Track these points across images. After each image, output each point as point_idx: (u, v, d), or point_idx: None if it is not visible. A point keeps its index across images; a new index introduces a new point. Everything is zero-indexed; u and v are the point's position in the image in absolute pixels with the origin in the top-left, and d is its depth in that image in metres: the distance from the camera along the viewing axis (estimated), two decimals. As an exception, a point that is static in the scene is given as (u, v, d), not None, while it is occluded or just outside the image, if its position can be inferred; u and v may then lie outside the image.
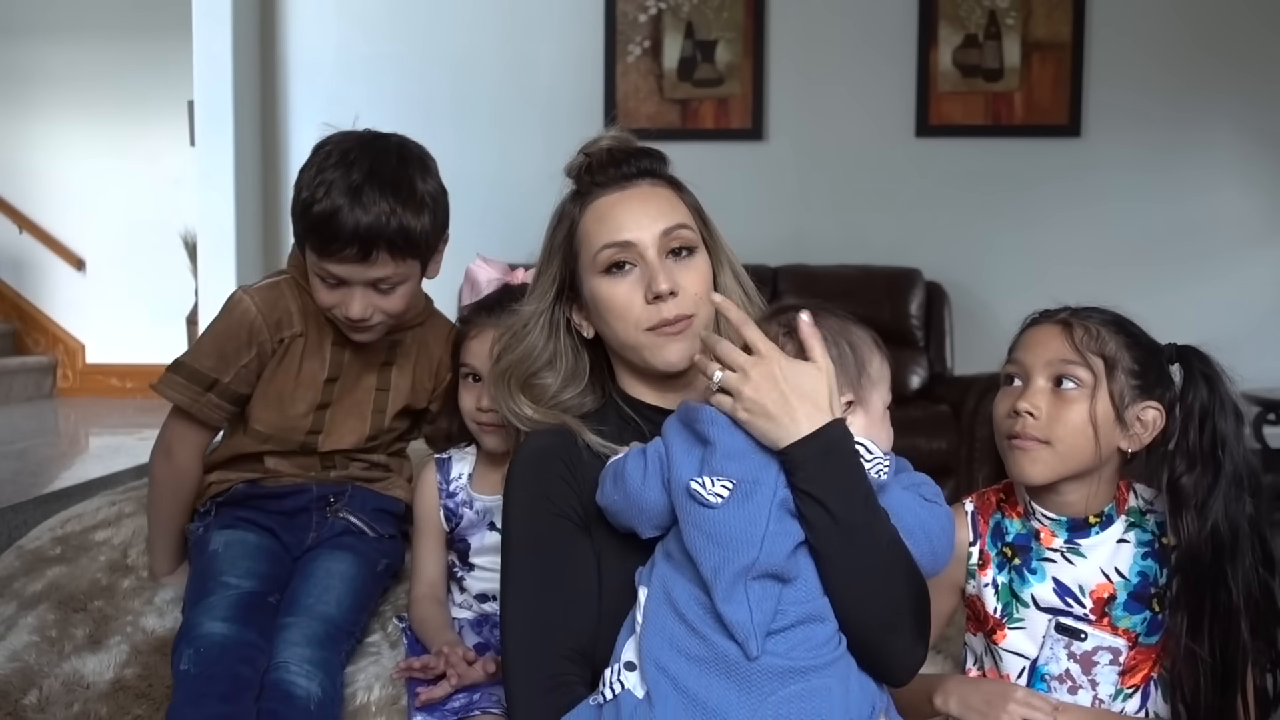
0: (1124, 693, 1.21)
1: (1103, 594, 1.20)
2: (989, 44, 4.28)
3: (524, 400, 1.24)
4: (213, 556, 1.48)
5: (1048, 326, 1.23)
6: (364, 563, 1.54)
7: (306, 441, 1.56)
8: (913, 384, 3.99)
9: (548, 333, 1.25)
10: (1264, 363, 4.04)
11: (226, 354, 1.49)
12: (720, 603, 1.00)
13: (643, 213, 1.19)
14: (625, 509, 1.11)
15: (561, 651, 1.13)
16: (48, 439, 4.84)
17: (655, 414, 1.22)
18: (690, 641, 1.02)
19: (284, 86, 4.58)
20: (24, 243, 6.24)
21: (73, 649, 1.46)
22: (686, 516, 1.04)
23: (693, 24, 4.36)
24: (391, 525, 1.63)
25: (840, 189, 4.40)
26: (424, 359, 1.61)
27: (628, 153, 1.23)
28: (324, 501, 1.58)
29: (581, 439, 1.19)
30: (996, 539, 1.28)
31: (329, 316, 1.48)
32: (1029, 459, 1.19)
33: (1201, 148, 4.26)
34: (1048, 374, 1.19)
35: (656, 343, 1.17)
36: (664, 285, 1.15)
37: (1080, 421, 1.17)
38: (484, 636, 1.48)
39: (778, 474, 1.04)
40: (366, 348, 1.54)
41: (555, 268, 1.24)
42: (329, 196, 1.37)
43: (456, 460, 1.54)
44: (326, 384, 1.54)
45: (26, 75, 6.15)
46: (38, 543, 1.75)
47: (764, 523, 1.01)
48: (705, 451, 1.06)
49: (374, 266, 1.40)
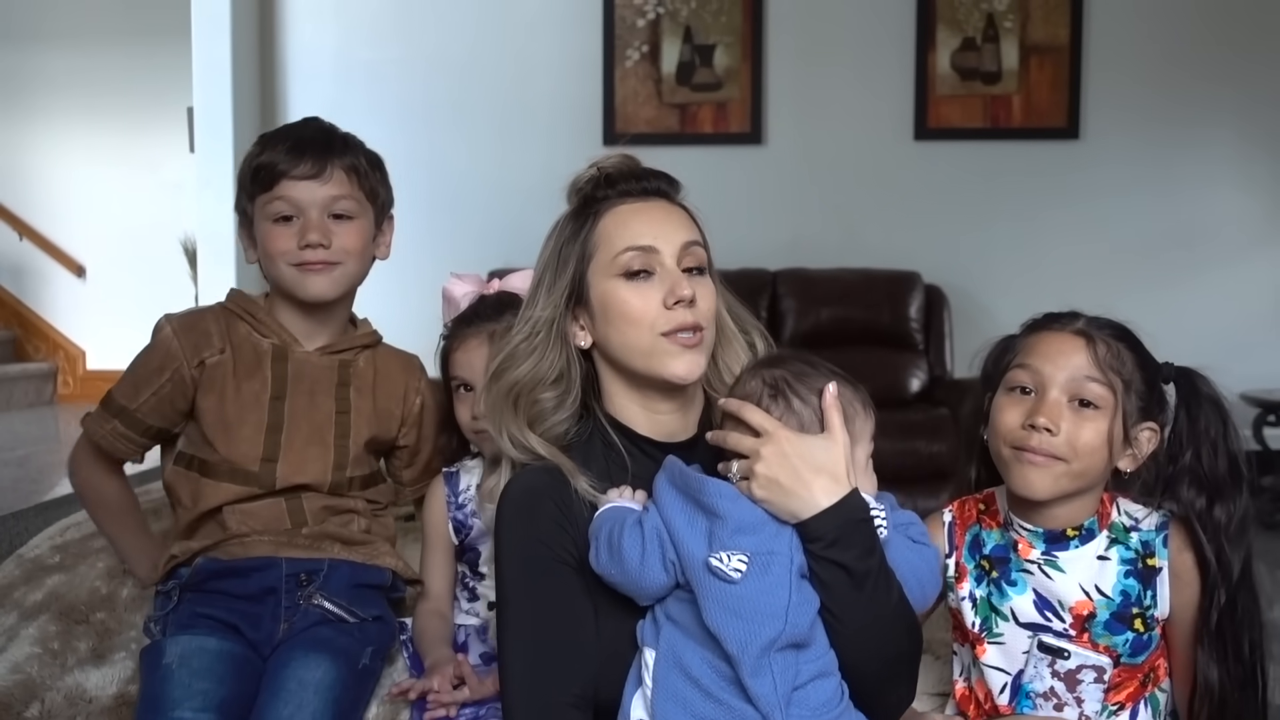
0: (1110, 709, 1.20)
1: (1082, 611, 1.18)
2: (987, 47, 4.28)
3: (524, 425, 1.19)
4: (165, 676, 1.29)
5: (1068, 337, 1.18)
6: (344, 663, 1.34)
7: (263, 473, 1.43)
8: (912, 387, 3.98)
9: (560, 343, 1.21)
10: (1264, 364, 4.04)
11: (138, 381, 1.46)
12: (747, 677, 1.00)
13: (666, 224, 1.19)
14: (623, 585, 1.09)
15: (564, 698, 1.10)
16: (48, 446, 4.84)
17: (643, 444, 1.21)
18: (706, 706, 1.02)
19: (283, 92, 4.58)
20: (24, 249, 6.26)
21: (75, 662, 1.45)
22: (707, 593, 1.03)
23: (691, 28, 4.37)
24: (376, 604, 1.46)
25: (839, 192, 4.40)
26: (385, 383, 1.54)
27: (646, 170, 1.24)
28: (295, 581, 1.41)
29: (573, 484, 1.16)
30: (974, 551, 1.26)
31: (281, 279, 1.45)
32: (1038, 473, 1.15)
33: (1200, 149, 4.26)
34: (1068, 390, 1.15)
35: (670, 350, 1.16)
36: (687, 291, 1.15)
37: (1098, 442, 1.14)
38: (490, 646, 1.48)
39: (790, 542, 1.04)
40: (311, 365, 1.48)
41: (569, 274, 1.21)
42: (276, 136, 1.46)
43: (464, 473, 1.55)
44: (273, 403, 1.46)
45: (26, 81, 6.16)
46: (37, 551, 1.75)
47: (787, 594, 1.02)
48: (712, 524, 1.05)
49: (328, 183, 1.43)
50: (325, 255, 1.43)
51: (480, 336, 1.48)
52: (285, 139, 1.45)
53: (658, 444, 1.21)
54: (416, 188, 4.43)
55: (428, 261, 3.85)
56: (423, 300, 3.25)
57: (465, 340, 1.50)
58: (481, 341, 1.47)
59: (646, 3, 4.37)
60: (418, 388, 1.57)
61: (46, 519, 2.28)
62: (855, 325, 4.00)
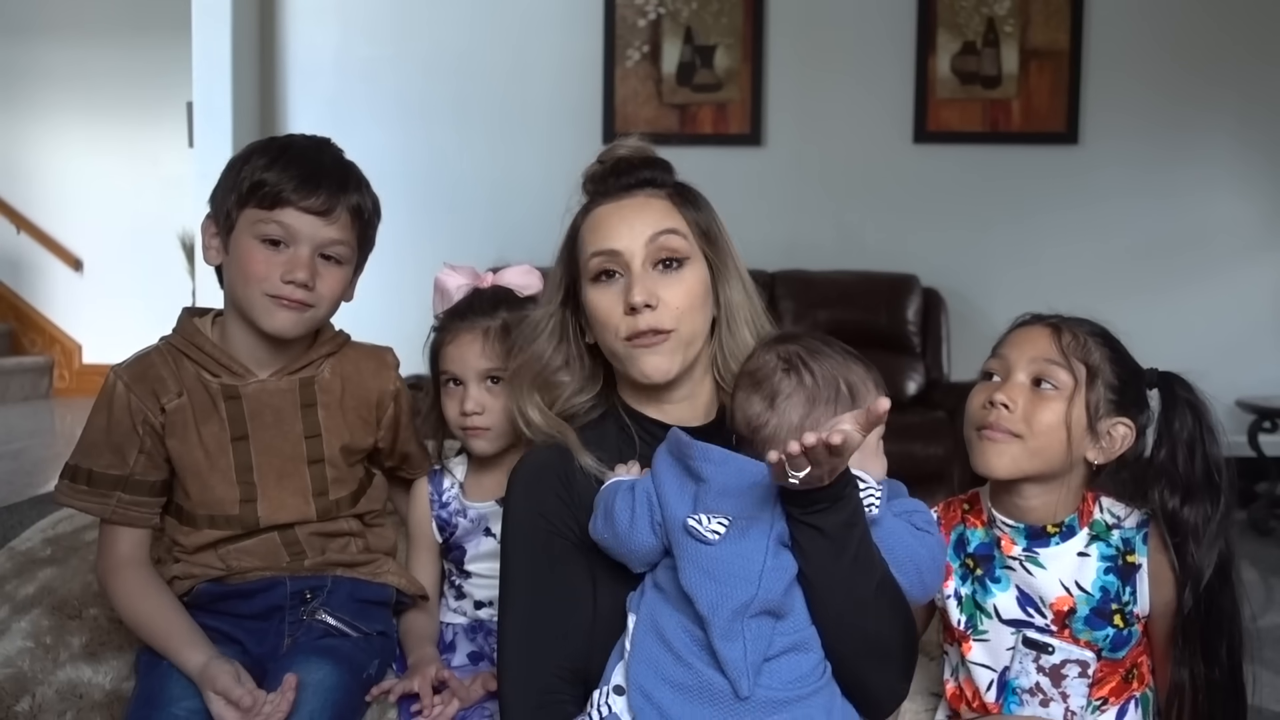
0: (1094, 705, 1.21)
1: (1063, 606, 1.20)
2: (987, 51, 4.28)
3: (534, 402, 1.23)
4: (165, 673, 1.27)
5: (1036, 327, 1.23)
6: (347, 669, 1.32)
7: (245, 514, 1.37)
8: (909, 390, 3.99)
9: (558, 336, 1.25)
10: (1260, 370, 4.05)
11: (119, 446, 1.34)
12: (717, 639, 1.00)
13: (634, 221, 1.19)
14: (614, 547, 1.11)
15: (555, 670, 1.13)
16: (44, 439, 4.84)
17: (654, 426, 1.22)
18: (676, 670, 1.02)
19: (283, 88, 4.58)
20: (21, 243, 6.25)
21: (68, 657, 1.45)
22: (683, 553, 1.04)
23: (692, 29, 4.37)
24: (380, 619, 1.43)
25: (838, 195, 4.40)
26: (353, 389, 1.44)
27: (632, 163, 1.23)
28: (299, 599, 1.38)
29: (576, 460, 1.19)
30: (959, 550, 1.28)
31: (248, 302, 1.33)
32: (996, 450, 1.19)
33: (1198, 154, 4.26)
34: (1029, 371, 1.20)
35: (632, 354, 1.17)
36: (638, 297, 1.15)
37: (1054, 421, 1.18)
38: (478, 644, 1.48)
39: (773, 509, 1.04)
40: (269, 394, 1.39)
41: (560, 273, 1.25)
42: (286, 154, 1.33)
43: (448, 471, 1.53)
44: (237, 444, 1.37)
45: (24, 74, 6.15)
46: (29, 544, 1.75)
47: (762, 558, 1.02)
48: (698, 488, 1.06)
49: (332, 224, 1.33)
50: (304, 295, 1.33)
51: (474, 332, 1.44)
52: (299, 164, 1.33)
53: (668, 427, 1.20)
54: (415, 185, 4.45)
55: (426, 260, 3.83)
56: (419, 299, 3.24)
57: (458, 334, 1.45)
58: (475, 337, 1.44)
59: (647, 3, 4.37)
60: (391, 390, 1.46)
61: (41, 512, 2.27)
62: (853, 327, 3.99)
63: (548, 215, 1.28)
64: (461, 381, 1.45)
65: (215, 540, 1.38)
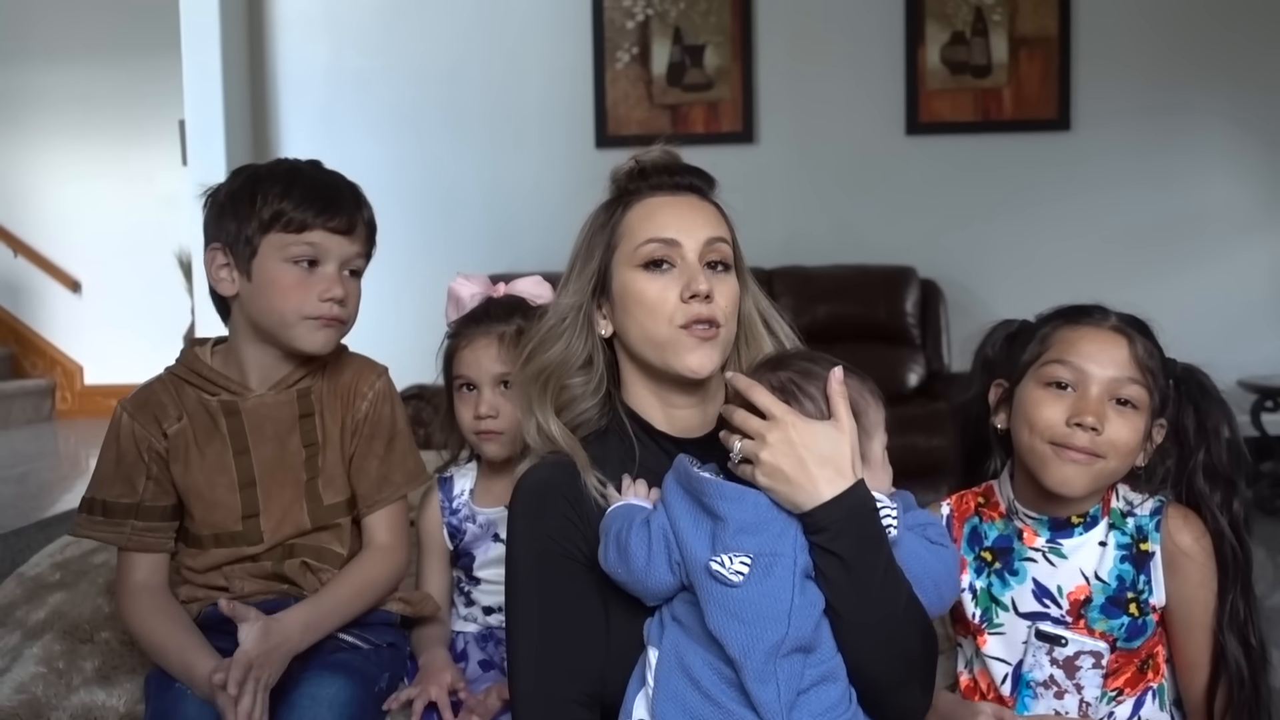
0: (1109, 695, 1.21)
1: (1079, 596, 1.20)
2: (976, 40, 4.28)
3: (551, 409, 1.20)
4: (178, 694, 1.28)
5: (1108, 334, 1.19)
6: (359, 683, 1.32)
7: (248, 530, 1.38)
8: (910, 382, 3.99)
9: (586, 330, 1.22)
10: (1259, 350, 4.05)
11: (128, 475, 1.38)
12: (750, 682, 0.99)
13: (691, 218, 1.20)
14: (629, 584, 1.09)
15: (571, 695, 1.11)
16: (48, 462, 4.84)
17: (659, 438, 1.21)
18: (705, 709, 1.01)
19: (275, 103, 4.58)
20: (19, 266, 6.25)
21: (81, 682, 1.44)
22: (709, 596, 1.02)
23: (680, 29, 4.37)
24: (389, 632, 1.44)
25: (832, 189, 4.40)
26: (342, 394, 1.44)
27: (681, 165, 1.24)
28: None
29: (583, 479, 1.16)
30: (974, 544, 1.27)
31: (285, 328, 1.35)
32: (1078, 471, 1.16)
33: (1191, 137, 4.26)
34: (1110, 389, 1.16)
35: (686, 342, 1.15)
36: (703, 285, 1.15)
37: (1136, 441, 1.17)
38: (488, 653, 1.48)
39: (794, 541, 1.03)
40: (267, 407, 1.40)
41: (595, 262, 1.22)
42: (301, 185, 1.36)
43: (458, 477, 1.55)
44: (239, 459, 1.39)
45: (16, 96, 6.15)
46: (38, 569, 1.75)
47: (789, 596, 1.00)
48: (715, 526, 1.04)
49: (355, 240, 1.37)
50: (339, 312, 1.37)
51: (490, 336, 1.47)
52: (314, 188, 1.36)
53: (672, 439, 1.21)
54: (410, 194, 4.45)
55: (422, 267, 3.85)
56: (417, 305, 3.25)
57: (473, 339, 1.48)
58: (490, 341, 1.46)
59: (635, 4, 4.38)
60: (366, 393, 1.43)
61: (48, 535, 2.27)
62: (852, 321, 4.00)
63: (542, 220, 1.29)
64: (476, 386, 1.47)
65: (221, 562, 1.40)
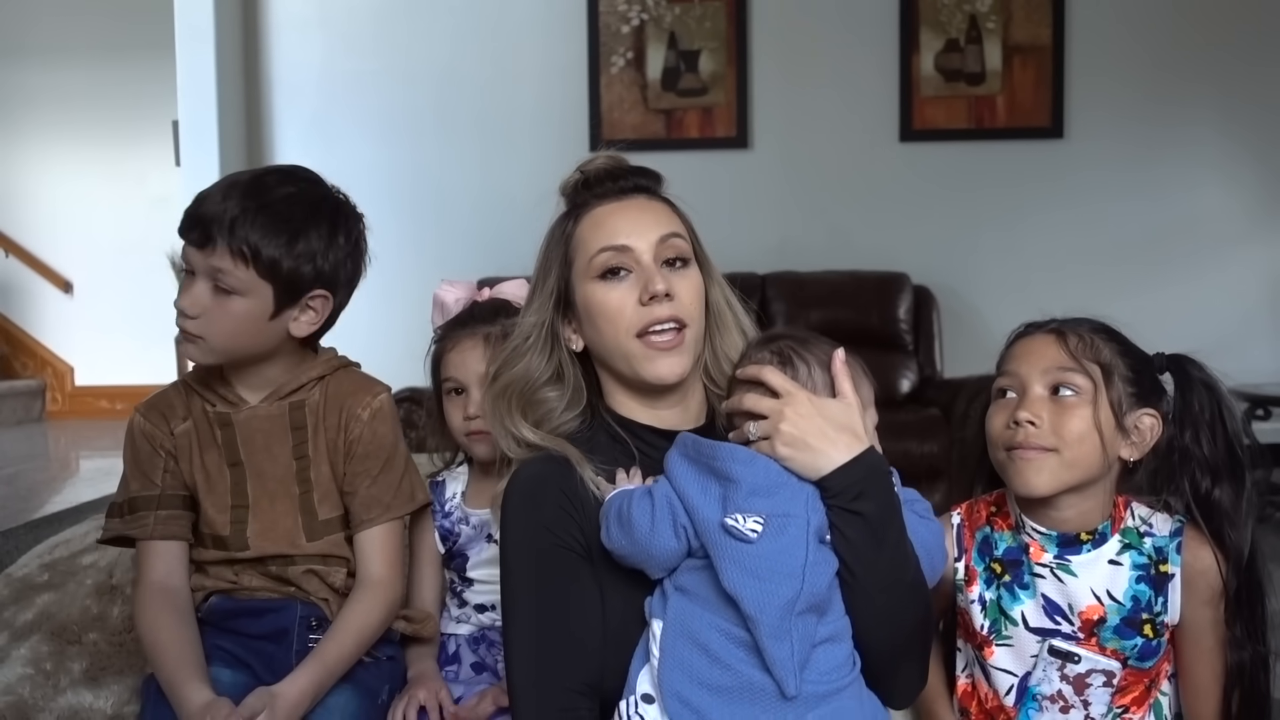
0: (1116, 712, 1.20)
1: (1092, 615, 1.19)
2: (970, 48, 4.30)
3: (523, 422, 1.21)
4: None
5: (1039, 336, 1.21)
6: (364, 694, 1.33)
7: (234, 537, 1.38)
8: (903, 388, 4.00)
9: (550, 346, 1.23)
10: (1250, 359, 4.06)
11: (146, 470, 1.41)
12: (765, 638, 0.99)
13: (640, 220, 1.19)
14: (633, 554, 1.09)
15: (571, 685, 1.11)
16: (38, 463, 4.82)
17: (647, 433, 1.22)
18: (713, 672, 1.01)
19: (268, 105, 4.58)
20: (10, 266, 6.23)
21: (69, 683, 1.44)
22: (723, 553, 1.02)
23: (675, 34, 4.38)
24: (390, 647, 1.44)
25: (826, 195, 4.41)
26: (335, 410, 1.42)
27: (625, 169, 1.24)
28: (306, 625, 1.38)
29: (579, 471, 1.17)
30: (984, 554, 1.26)
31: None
32: (1033, 468, 1.16)
33: (1183, 146, 4.28)
34: (1045, 383, 1.18)
35: (647, 354, 1.16)
36: (660, 286, 1.15)
37: (1084, 428, 1.16)
38: (480, 655, 1.48)
39: (806, 504, 1.04)
40: (259, 419, 1.40)
41: (553, 278, 1.23)
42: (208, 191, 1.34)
43: (450, 481, 1.55)
44: (233, 469, 1.40)
45: (9, 96, 6.14)
46: (26, 570, 1.74)
47: (803, 553, 1.02)
48: (726, 489, 1.05)
49: (212, 254, 1.29)
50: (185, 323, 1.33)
51: (475, 338, 1.47)
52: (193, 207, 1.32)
53: (662, 433, 1.21)
54: (402, 198, 4.45)
55: (413, 271, 3.84)
56: (408, 310, 3.24)
57: (459, 341, 1.49)
58: (476, 343, 1.47)
59: (630, 9, 4.38)
60: (360, 414, 1.40)
61: (37, 536, 2.26)
62: (845, 327, 4.00)
63: (534, 224, 1.28)
64: (463, 388, 1.48)
65: (217, 560, 1.40)
